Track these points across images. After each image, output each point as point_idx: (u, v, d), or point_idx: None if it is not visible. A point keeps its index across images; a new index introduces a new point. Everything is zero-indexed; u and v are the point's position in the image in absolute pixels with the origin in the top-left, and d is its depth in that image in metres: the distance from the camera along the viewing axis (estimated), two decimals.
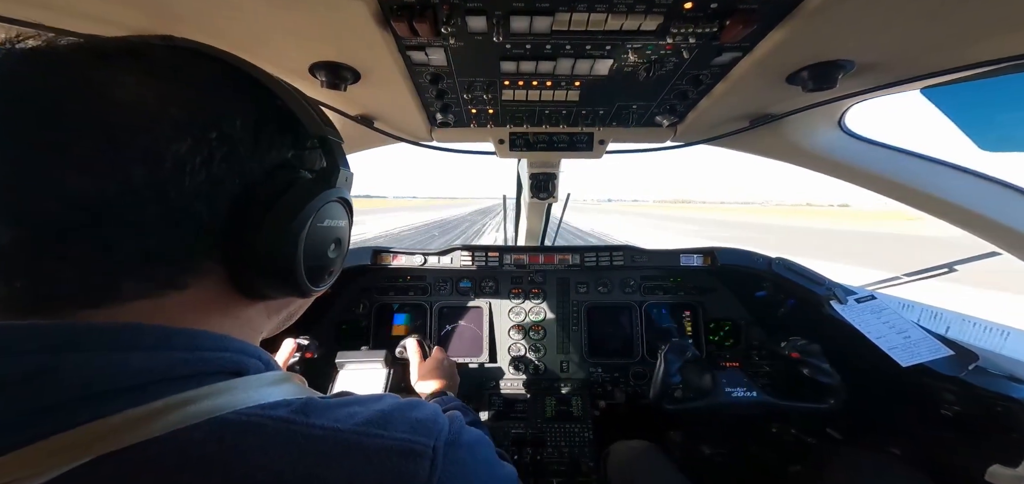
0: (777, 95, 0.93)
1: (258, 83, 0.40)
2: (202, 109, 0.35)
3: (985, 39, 0.68)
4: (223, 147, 0.35)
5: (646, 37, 0.72)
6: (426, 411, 0.41)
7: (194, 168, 0.33)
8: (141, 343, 0.32)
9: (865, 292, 1.45)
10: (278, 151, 0.40)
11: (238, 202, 0.37)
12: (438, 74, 0.88)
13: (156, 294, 0.34)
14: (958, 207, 1.05)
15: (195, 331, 0.35)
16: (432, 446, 0.37)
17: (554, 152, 1.26)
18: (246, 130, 0.37)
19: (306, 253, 0.41)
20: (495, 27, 0.70)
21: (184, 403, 0.31)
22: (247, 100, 0.39)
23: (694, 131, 1.19)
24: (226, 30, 0.72)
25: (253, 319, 0.44)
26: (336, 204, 0.44)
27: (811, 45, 0.72)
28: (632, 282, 1.85)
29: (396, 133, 1.21)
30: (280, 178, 0.40)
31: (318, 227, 0.42)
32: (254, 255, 0.38)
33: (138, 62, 0.34)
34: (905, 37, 0.69)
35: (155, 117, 0.32)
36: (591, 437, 1.61)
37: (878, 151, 1.13)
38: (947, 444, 1.17)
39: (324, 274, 0.46)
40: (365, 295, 1.82)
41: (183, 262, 0.35)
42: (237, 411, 0.32)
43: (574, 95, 0.97)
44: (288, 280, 0.40)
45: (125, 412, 0.29)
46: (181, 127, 0.33)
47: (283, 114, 0.41)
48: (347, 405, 0.38)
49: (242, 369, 0.36)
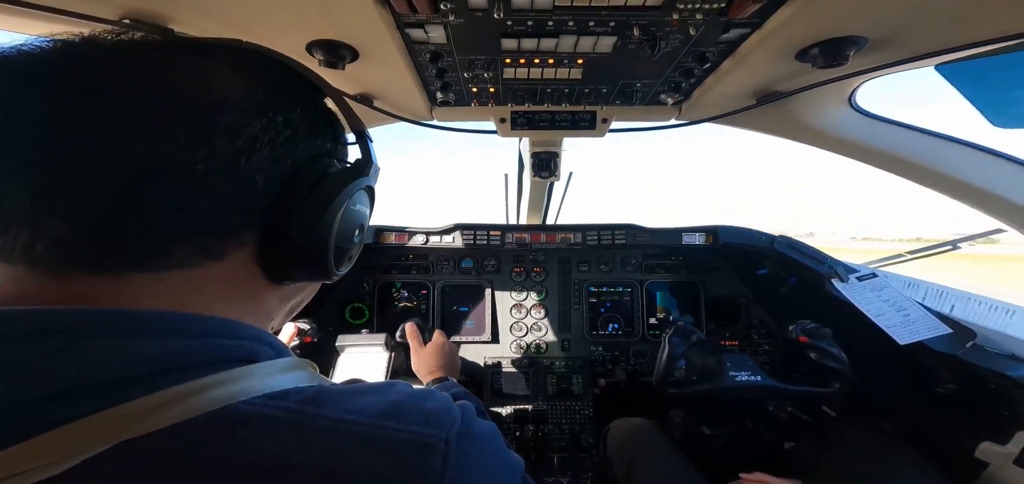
0: (786, 72, 0.91)
1: (312, 83, 0.46)
2: (274, 96, 0.40)
3: (1000, 14, 0.65)
4: (286, 130, 0.40)
5: (651, 13, 0.70)
6: (438, 402, 0.42)
7: (262, 145, 0.38)
8: (152, 330, 0.33)
9: (867, 270, 1.45)
10: (323, 140, 0.46)
11: (288, 180, 0.41)
12: (438, 52, 0.86)
13: (196, 263, 0.37)
14: (969, 185, 1.04)
15: (208, 317, 0.36)
16: (444, 438, 0.38)
17: (556, 131, 1.24)
18: (303, 118, 0.42)
19: (338, 233, 0.45)
20: (496, 3, 0.68)
21: (196, 391, 0.31)
22: (305, 93, 0.45)
23: (699, 109, 1.16)
24: (222, 6, 0.70)
25: (270, 306, 0.46)
26: (364, 192, 0.49)
27: (822, 21, 0.70)
28: (634, 261, 1.85)
29: (396, 112, 1.19)
30: (323, 164, 0.45)
31: (350, 210, 0.46)
32: (294, 230, 0.41)
33: (228, 55, 0.40)
34: (919, 12, 0.67)
35: (240, 99, 0.38)
36: (591, 414, 1.64)
37: (889, 129, 1.10)
38: (941, 421, 1.19)
39: (346, 257, 0.49)
40: (368, 274, 1.84)
41: (231, 229, 0.38)
42: (247, 401, 0.33)
43: (577, 73, 0.95)
44: (317, 259, 0.44)
45: (138, 400, 0.29)
46: (258, 109, 0.38)
47: (329, 111, 0.48)
48: (360, 395, 0.38)
49: (253, 356, 0.37)
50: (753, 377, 1.19)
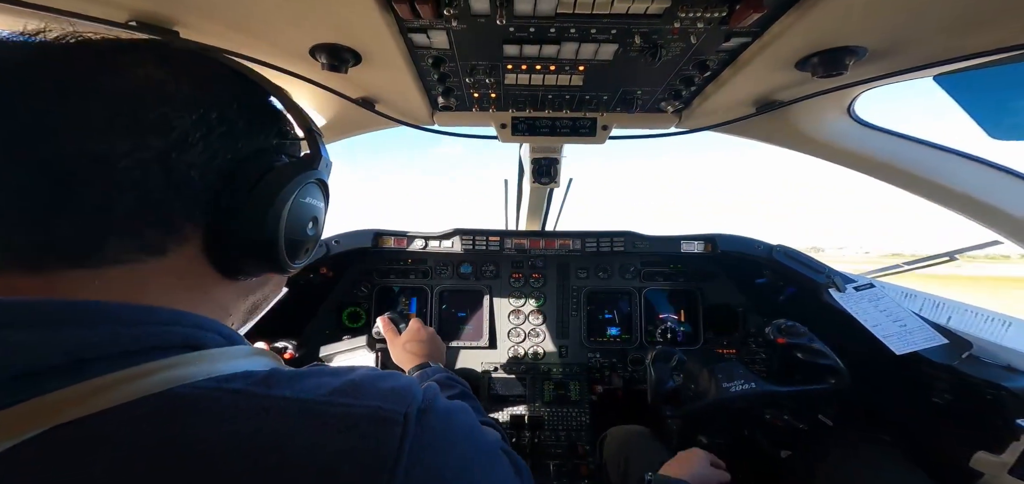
0: (785, 81, 0.91)
1: (253, 81, 0.46)
2: (206, 92, 0.40)
3: (997, 25, 0.66)
4: (221, 126, 0.40)
5: (653, 21, 0.70)
6: (401, 381, 0.41)
7: (195, 140, 0.37)
8: (77, 319, 0.32)
9: (864, 280, 1.45)
10: (267, 136, 0.45)
11: (228, 175, 0.41)
12: (440, 57, 0.87)
13: (135, 259, 0.36)
14: (967, 196, 1.04)
15: (142, 306, 0.35)
16: (403, 413, 0.36)
17: (556, 137, 1.25)
18: (241, 114, 0.42)
19: (288, 227, 0.44)
20: (498, 9, 0.68)
21: (131, 377, 0.30)
22: (243, 90, 0.45)
23: (699, 117, 1.17)
24: (228, 10, 0.71)
25: (226, 300, 0.45)
26: (315, 185, 0.49)
27: (822, 31, 0.71)
28: (632, 268, 1.86)
29: (397, 116, 1.20)
30: (267, 158, 0.44)
31: (300, 203, 0.46)
32: (238, 224, 0.41)
33: (155, 52, 0.40)
34: (918, 22, 0.68)
35: (170, 94, 0.38)
36: (588, 421, 1.64)
37: (888, 139, 1.11)
38: (936, 431, 1.19)
39: (301, 250, 0.49)
40: (366, 278, 1.83)
41: (169, 224, 0.38)
42: (189, 385, 0.32)
43: (578, 80, 0.96)
44: (268, 253, 0.44)
45: (67, 388, 0.29)
46: (189, 104, 0.38)
47: (273, 107, 0.48)
48: (317, 376, 0.38)
49: (198, 344, 0.36)
50: (747, 385, 1.17)
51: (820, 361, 1.18)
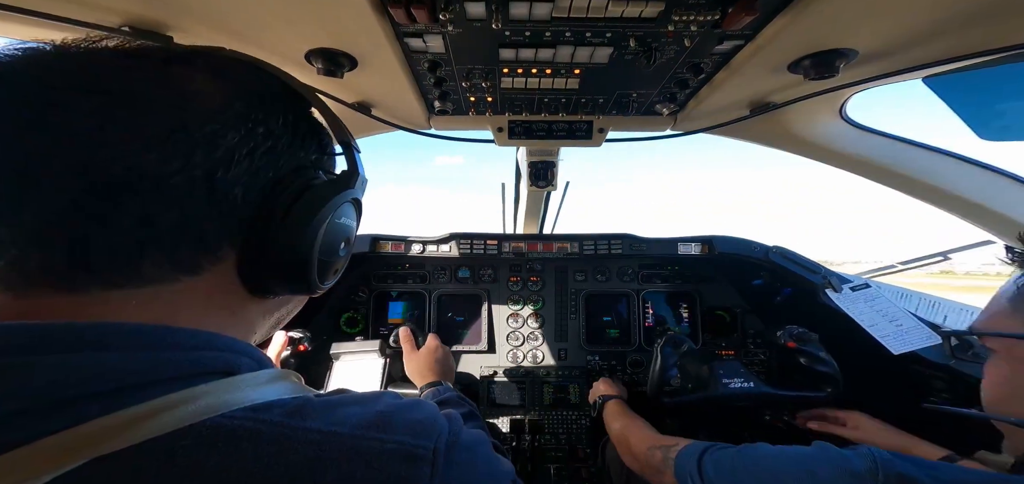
0: (778, 83, 0.92)
1: (298, 93, 0.45)
2: (255, 107, 0.39)
3: (985, 27, 0.67)
4: (267, 142, 0.39)
5: (647, 24, 0.71)
6: (425, 412, 0.41)
7: (241, 157, 0.37)
8: (116, 344, 0.31)
9: (860, 280, 1.46)
10: (307, 152, 0.45)
11: (268, 193, 0.40)
12: (436, 61, 0.87)
13: (170, 278, 0.35)
14: (958, 196, 1.05)
15: (178, 329, 0.34)
16: (432, 448, 0.37)
17: (553, 140, 1.25)
18: (285, 129, 0.41)
19: (322, 247, 0.43)
20: (494, 13, 0.69)
21: (171, 406, 0.30)
22: (287, 103, 0.43)
23: (694, 120, 1.18)
24: (223, 15, 0.71)
25: (252, 318, 0.45)
26: (351, 205, 0.47)
27: (814, 33, 0.71)
28: (630, 270, 1.86)
29: (394, 121, 1.20)
30: (306, 175, 0.43)
31: (335, 223, 0.45)
32: (274, 245, 0.40)
33: (206, 63, 0.39)
34: (908, 25, 0.69)
35: (219, 109, 0.36)
36: (588, 424, 1.63)
37: (879, 140, 1.12)
38: (935, 430, 1.19)
39: (331, 271, 0.48)
40: (364, 283, 1.82)
41: (207, 241, 0.37)
42: (227, 415, 0.32)
43: (574, 83, 0.96)
44: (300, 274, 0.42)
45: (107, 417, 0.28)
46: (237, 120, 0.37)
47: (313, 120, 0.46)
48: (345, 405, 0.38)
49: (232, 368, 0.36)
50: (746, 384, 1.19)
51: (819, 368, 1.19)
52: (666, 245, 1.70)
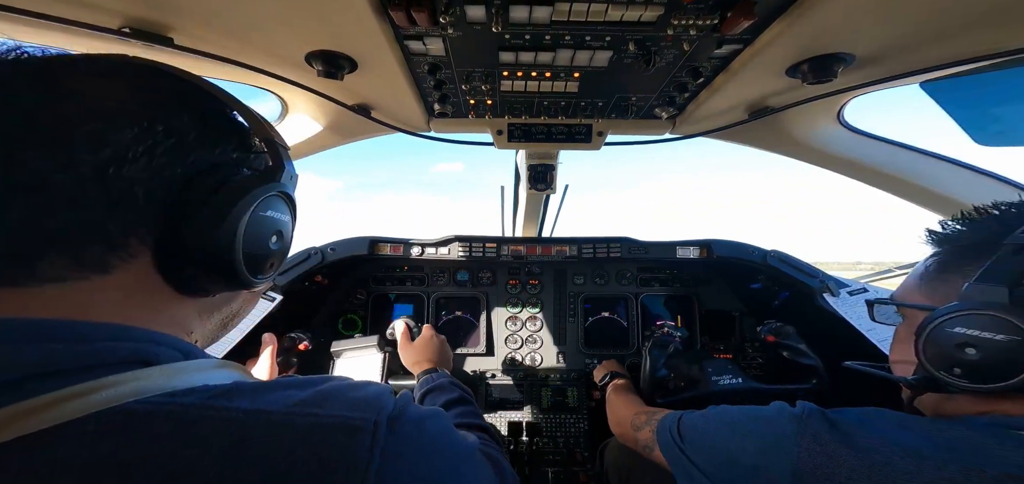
0: (776, 88, 0.93)
1: (208, 93, 0.45)
2: (152, 105, 0.38)
3: (983, 33, 0.68)
4: (169, 139, 0.38)
5: (646, 28, 0.72)
6: (371, 390, 0.41)
7: (136, 155, 0.36)
8: (15, 337, 0.31)
9: (858, 285, 1.47)
10: (226, 149, 0.44)
11: (179, 191, 0.39)
12: (436, 64, 0.87)
13: (77, 276, 0.35)
14: (954, 201, 1.06)
15: (83, 322, 0.34)
16: (373, 420, 0.37)
17: (552, 143, 1.25)
18: (193, 127, 0.40)
19: (246, 241, 0.42)
20: (494, 17, 0.69)
21: (77, 395, 0.29)
22: (195, 103, 0.43)
23: (693, 123, 1.18)
24: (222, 16, 0.71)
25: (183, 318, 0.44)
26: (277, 197, 0.46)
27: (812, 38, 0.72)
28: (629, 274, 1.86)
29: (394, 123, 1.20)
30: (224, 172, 0.42)
31: (259, 216, 0.44)
32: (189, 239, 0.39)
33: (96, 65, 0.39)
34: (904, 30, 0.69)
35: (104, 108, 0.36)
36: (586, 428, 1.63)
37: (876, 145, 1.13)
38: None
39: (265, 265, 0.47)
40: (362, 285, 1.82)
41: (112, 241, 0.36)
42: (140, 400, 0.31)
43: (573, 86, 0.97)
44: (226, 269, 0.42)
45: (4, 409, 0.28)
46: (130, 118, 0.36)
47: (233, 119, 0.46)
48: (285, 388, 0.37)
49: (150, 359, 0.35)
50: (735, 380, 1.24)
51: (803, 361, 1.25)
52: (665, 248, 1.70)
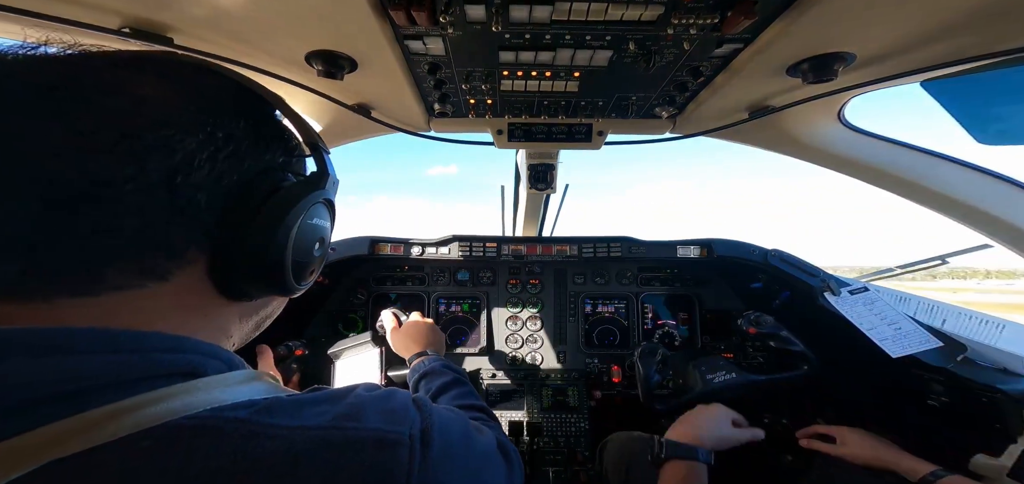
0: (777, 87, 0.93)
1: (261, 96, 0.45)
2: (212, 111, 0.39)
3: (984, 32, 0.68)
4: (228, 145, 0.38)
5: (647, 28, 0.71)
6: (397, 401, 0.42)
7: (201, 162, 0.36)
8: (78, 347, 0.31)
9: (858, 284, 1.46)
10: (273, 154, 0.44)
11: (235, 196, 0.39)
12: (436, 64, 0.87)
13: (137, 285, 0.35)
14: (956, 200, 1.06)
15: (143, 333, 0.34)
16: (408, 433, 0.38)
17: (552, 143, 1.25)
18: (248, 132, 0.41)
19: (295, 248, 0.43)
20: (494, 16, 0.69)
21: (132, 409, 0.30)
22: (250, 107, 0.43)
23: (693, 123, 1.18)
24: (222, 17, 0.71)
25: (226, 323, 0.44)
26: (322, 205, 0.47)
27: (812, 37, 0.72)
28: (629, 273, 1.86)
29: (394, 123, 1.20)
30: (274, 178, 0.43)
31: (307, 224, 0.45)
32: (244, 247, 0.40)
33: (157, 67, 0.39)
34: (905, 30, 0.69)
35: (171, 114, 0.36)
36: (587, 427, 1.62)
37: (877, 144, 1.13)
38: (934, 434, 1.19)
39: (307, 272, 0.48)
40: (362, 285, 1.82)
41: (174, 247, 0.37)
42: (190, 416, 0.31)
43: (573, 86, 0.97)
44: (274, 276, 0.42)
45: (67, 419, 0.28)
46: (194, 124, 0.37)
47: (280, 124, 0.47)
48: (318, 403, 0.38)
49: (199, 371, 0.35)
50: (729, 376, 1.25)
51: (792, 348, 1.27)
52: (665, 248, 1.70)
